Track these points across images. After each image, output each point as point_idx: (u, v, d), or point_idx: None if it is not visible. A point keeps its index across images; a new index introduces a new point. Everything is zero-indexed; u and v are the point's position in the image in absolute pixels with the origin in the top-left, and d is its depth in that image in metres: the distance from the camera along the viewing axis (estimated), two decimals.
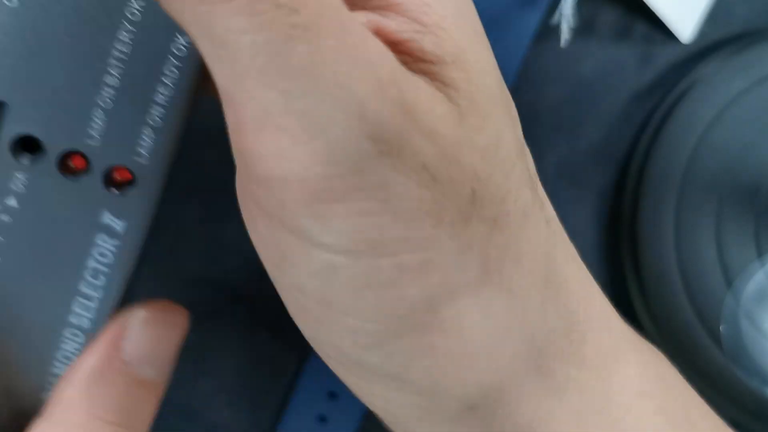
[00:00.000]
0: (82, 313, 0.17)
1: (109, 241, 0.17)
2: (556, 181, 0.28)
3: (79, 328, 0.17)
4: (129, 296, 0.28)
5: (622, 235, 0.27)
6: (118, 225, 0.17)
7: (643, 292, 0.27)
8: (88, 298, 0.17)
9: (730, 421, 0.27)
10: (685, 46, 0.28)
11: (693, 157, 0.26)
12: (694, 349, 0.26)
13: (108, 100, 0.15)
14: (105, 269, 0.17)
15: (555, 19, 0.26)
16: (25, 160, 0.15)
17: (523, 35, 0.26)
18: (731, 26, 0.28)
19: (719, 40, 0.28)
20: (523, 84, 0.28)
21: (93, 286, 0.17)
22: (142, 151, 0.16)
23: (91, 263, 0.17)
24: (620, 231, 0.27)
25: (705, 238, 0.26)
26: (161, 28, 0.15)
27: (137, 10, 0.14)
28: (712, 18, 0.28)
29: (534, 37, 0.27)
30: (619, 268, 0.28)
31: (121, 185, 0.16)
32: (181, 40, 0.15)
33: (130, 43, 0.15)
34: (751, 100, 0.26)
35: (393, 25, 0.13)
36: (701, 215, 0.26)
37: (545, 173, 0.28)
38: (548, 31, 0.27)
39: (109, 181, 0.16)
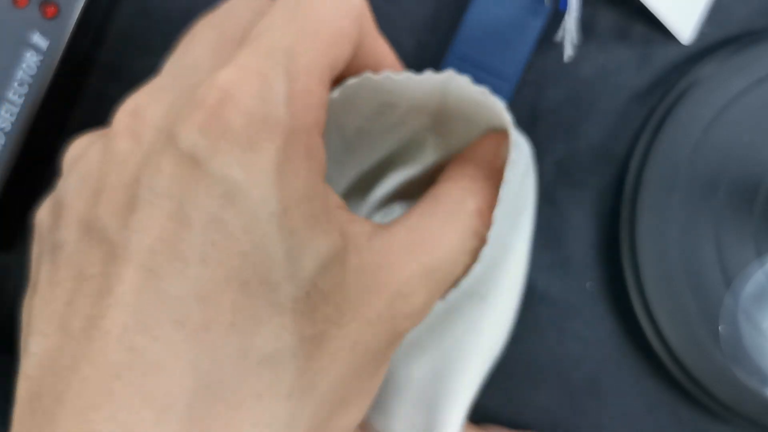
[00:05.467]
0: (6, 117, 0.23)
1: (36, 56, 0.24)
2: (556, 181, 0.28)
3: (2, 130, 0.23)
4: None
5: (622, 235, 0.27)
6: (43, 43, 0.24)
7: (643, 292, 0.27)
8: (13, 103, 0.22)
9: (730, 421, 0.27)
10: (684, 46, 0.28)
11: (692, 157, 0.26)
12: (693, 349, 0.26)
13: None
14: (30, 80, 0.24)
15: (559, 36, 0.26)
16: None
17: (527, 43, 0.27)
18: (730, 27, 0.28)
19: (718, 41, 0.28)
20: (524, 85, 0.28)
21: (18, 94, 0.23)
22: None
23: (19, 74, 0.24)
24: (619, 231, 0.27)
25: (704, 238, 0.26)
26: None
27: None
28: (711, 18, 0.28)
29: (536, 44, 0.27)
30: (618, 268, 0.28)
31: (49, 14, 0.24)
32: None
33: None
34: (750, 100, 0.26)
35: None
36: (700, 215, 0.26)
37: (545, 173, 0.28)
38: (549, 33, 0.27)
39: (41, 10, 0.23)
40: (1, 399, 0.24)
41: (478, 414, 0.28)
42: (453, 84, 0.19)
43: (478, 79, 0.26)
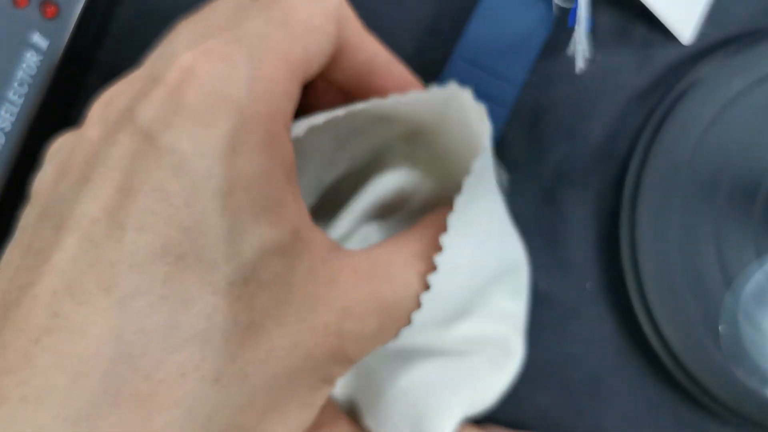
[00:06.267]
0: (6, 116, 0.23)
1: (36, 56, 0.24)
2: (556, 181, 0.28)
3: (2, 130, 0.23)
4: None
5: (622, 235, 0.27)
6: (43, 43, 0.24)
7: (643, 292, 0.27)
8: (13, 103, 0.22)
9: (730, 421, 0.27)
10: (685, 46, 0.28)
11: (692, 157, 0.26)
12: (693, 349, 0.26)
13: None
14: (29, 80, 0.24)
15: (570, 50, 0.26)
16: None
17: (533, 47, 0.27)
18: (730, 27, 0.28)
19: (718, 41, 0.28)
20: (524, 85, 0.28)
21: (18, 94, 0.24)
22: None
23: (19, 74, 0.24)
24: (619, 231, 0.27)
25: (704, 239, 0.26)
26: None
27: None
28: (711, 18, 0.28)
29: (541, 49, 0.27)
30: (618, 268, 0.28)
31: (49, 14, 0.24)
32: None
33: None
34: (750, 100, 0.26)
35: None
36: (700, 215, 0.26)
37: (545, 173, 0.28)
38: (550, 36, 0.27)
39: (41, 11, 0.23)
40: None
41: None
42: (456, 100, 0.19)
43: (483, 82, 0.26)
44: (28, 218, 0.16)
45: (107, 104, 0.17)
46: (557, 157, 0.28)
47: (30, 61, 0.25)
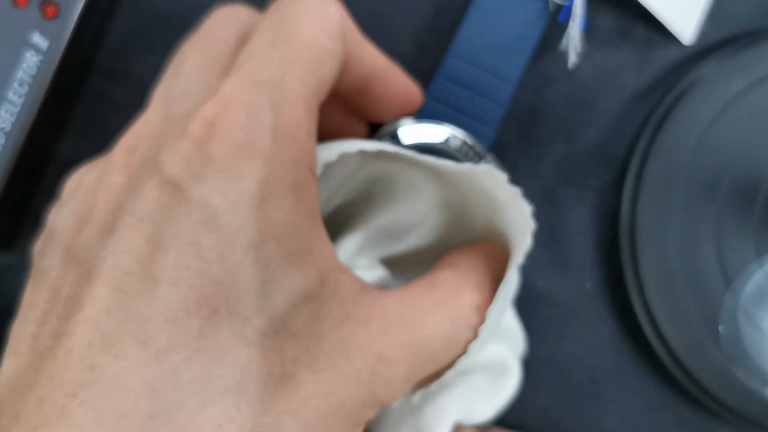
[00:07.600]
0: (6, 116, 0.23)
1: (36, 56, 0.24)
2: (556, 181, 0.28)
3: (2, 130, 0.24)
4: None
5: (621, 235, 0.27)
6: (43, 43, 0.24)
7: (643, 292, 0.27)
8: (13, 103, 0.22)
9: (730, 421, 0.27)
10: (685, 46, 0.28)
11: (692, 157, 0.26)
12: (693, 349, 0.26)
13: None
14: (29, 80, 0.24)
15: (563, 45, 0.26)
16: None
17: (529, 43, 0.27)
18: (730, 27, 0.28)
19: (718, 41, 0.28)
20: (524, 85, 0.28)
21: (18, 94, 0.24)
22: None
23: (19, 74, 0.24)
24: (619, 231, 0.27)
25: (704, 239, 0.26)
26: None
27: None
28: (711, 18, 0.28)
29: (538, 45, 0.27)
30: (618, 268, 0.28)
31: (49, 14, 0.24)
32: None
33: None
34: (750, 100, 0.26)
35: None
36: (700, 215, 0.26)
37: (545, 173, 0.28)
38: (549, 34, 0.27)
39: (41, 11, 0.23)
40: None
41: None
42: (486, 179, 0.19)
43: (478, 79, 0.26)
44: (49, 259, 0.16)
45: (131, 150, 0.17)
46: (557, 157, 0.28)
47: (30, 61, 0.25)
